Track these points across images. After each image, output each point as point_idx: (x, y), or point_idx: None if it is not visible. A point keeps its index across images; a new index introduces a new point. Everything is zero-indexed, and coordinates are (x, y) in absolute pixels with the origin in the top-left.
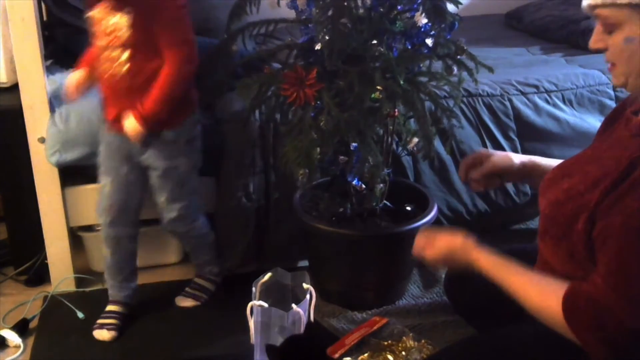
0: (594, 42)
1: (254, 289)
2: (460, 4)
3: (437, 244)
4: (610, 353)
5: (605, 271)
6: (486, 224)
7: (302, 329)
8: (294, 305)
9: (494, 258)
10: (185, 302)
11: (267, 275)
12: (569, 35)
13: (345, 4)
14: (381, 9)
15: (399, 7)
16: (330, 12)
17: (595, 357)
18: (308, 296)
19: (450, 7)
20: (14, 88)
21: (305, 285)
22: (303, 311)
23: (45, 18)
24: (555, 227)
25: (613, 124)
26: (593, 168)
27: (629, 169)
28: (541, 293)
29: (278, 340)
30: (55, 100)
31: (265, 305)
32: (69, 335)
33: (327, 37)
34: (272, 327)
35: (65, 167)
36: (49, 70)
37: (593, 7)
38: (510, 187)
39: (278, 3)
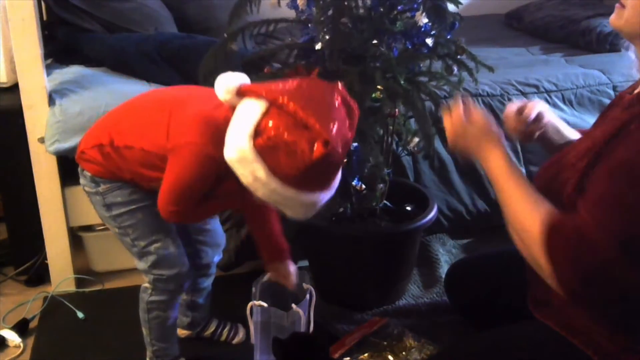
0: None
1: (254, 289)
2: (460, 3)
3: (475, 112)
4: (579, 287)
5: (592, 206)
6: (486, 224)
7: (302, 329)
8: (293, 305)
9: (506, 161)
10: None
11: (267, 275)
12: (569, 35)
13: (346, 3)
14: (381, 9)
15: (399, 7)
16: (330, 12)
17: (560, 291)
18: (308, 296)
19: (451, 6)
20: (14, 88)
21: (305, 285)
22: (303, 311)
23: (45, 18)
24: (548, 197)
25: (607, 112)
26: (584, 142)
27: (619, 129)
28: (526, 212)
29: None
30: (55, 95)
31: (265, 305)
32: (69, 335)
33: (327, 37)
34: (272, 327)
35: (65, 167)
36: (49, 68)
37: None
38: None
39: (279, 3)
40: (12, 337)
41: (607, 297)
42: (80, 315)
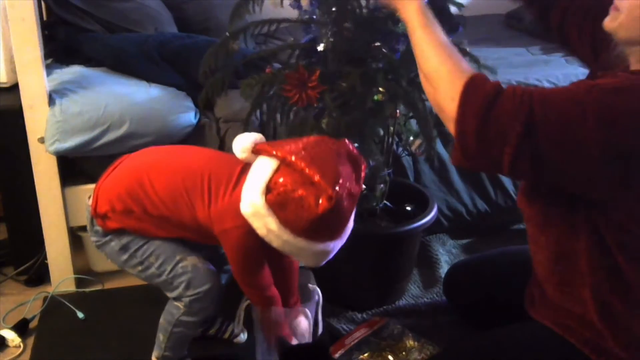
0: None
1: None
2: (463, 6)
3: None
4: (473, 138)
5: (531, 87)
6: (486, 224)
7: (310, 330)
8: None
9: (425, 10)
10: None
11: None
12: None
13: (349, 7)
14: (384, 11)
15: None
16: (333, 15)
17: (455, 135)
18: (316, 297)
19: (452, 9)
20: (14, 88)
21: (310, 286)
22: (310, 312)
23: (45, 18)
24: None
25: None
26: None
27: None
28: (451, 59)
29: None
30: (55, 95)
31: None
32: (69, 335)
33: (330, 40)
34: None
35: (65, 167)
36: (49, 68)
37: None
38: (510, 186)
39: (281, 3)
40: (12, 337)
41: (492, 161)
42: (80, 315)
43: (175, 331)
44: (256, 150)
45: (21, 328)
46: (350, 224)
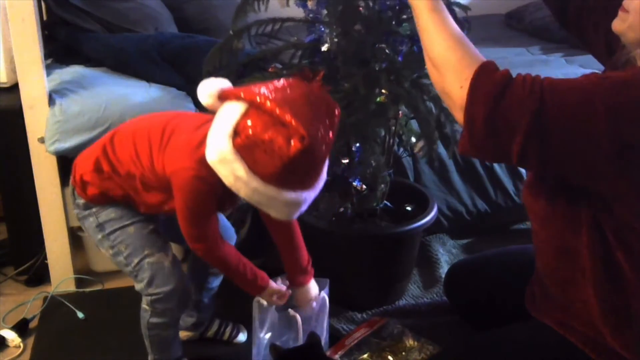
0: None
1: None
2: (469, 9)
3: None
4: (481, 126)
5: (542, 77)
6: (486, 224)
7: (300, 333)
8: (290, 310)
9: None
10: None
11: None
12: (569, 35)
13: (360, 8)
14: (389, 12)
15: (407, 11)
16: (339, 15)
17: (461, 123)
18: (319, 305)
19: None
20: (14, 88)
21: (322, 294)
22: (321, 318)
23: (45, 18)
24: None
25: None
26: None
27: None
28: (459, 45)
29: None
30: (55, 95)
31: (265, 304)
32: (69, 335)
33: (335, 40)
34: (271, 326)
35: (65, 167)
36: (49, 68)
37: None
38: (510, 187)
39: (287, 2)
40: (12, 337)
41: (501, 150)
42: (80, 315)
43: (152, 334)
44: (222, 96)
45: (21, 328)
46: (323, 175)
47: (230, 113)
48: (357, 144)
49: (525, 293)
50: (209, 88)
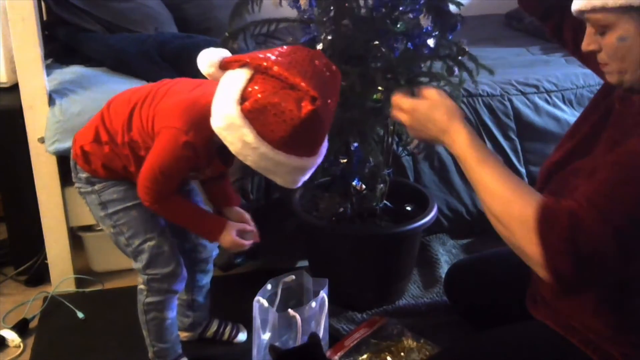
0: (586, 44)
1: (269, 285)
2: (462, 5)
3: (427, 93)
4: (571, 274)
5: (592, 192)
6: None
7: (300, 334)
8: (290, 310)
9: (474, 139)
10: None
11: (291, 277)
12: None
13: (347, 5)
14: (383, 10)
15: (400, 8)
16: (332, 13)
17: (549, 279)
18: (318, 305)
19: (451, 7)
20: (14, 88)
21: (321, 294)
22: (319, 318)
23: (45, 18)
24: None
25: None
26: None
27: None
28: (515, 196)
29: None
30: (55, 95)
31: (265, 303)
32: (69, 335)
33: (329, 38)
34: (271, 327)
35: (65, 167)
36: (49, 68)
37: (582, 12)
38: None
39: (280, 2)
40: (12, 337)
41: (597, 285)
42: (80, 315)
43: (149, 319)
44: (224, 65)
45: (21, 328)
46: (326, 142)
47: (235, 79)
48: (356, 144)
49: (525, 293)
50: (210, 57)
